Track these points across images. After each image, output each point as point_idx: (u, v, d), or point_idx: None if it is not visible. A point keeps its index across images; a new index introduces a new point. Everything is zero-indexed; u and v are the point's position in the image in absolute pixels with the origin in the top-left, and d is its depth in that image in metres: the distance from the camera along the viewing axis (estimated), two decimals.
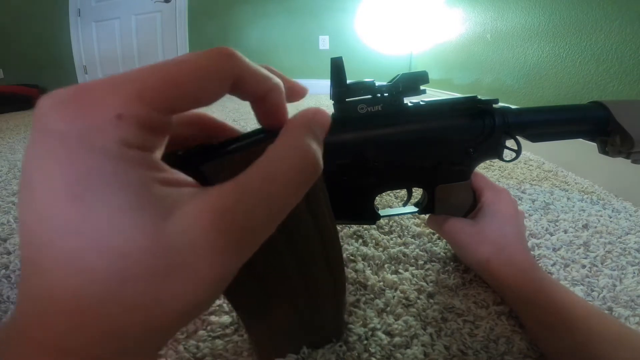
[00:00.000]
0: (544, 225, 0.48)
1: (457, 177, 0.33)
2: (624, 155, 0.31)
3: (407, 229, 0.47)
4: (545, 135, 0.32)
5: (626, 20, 0.67)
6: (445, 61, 1.71)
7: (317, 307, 0.25)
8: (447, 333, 0.30)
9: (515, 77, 1.07)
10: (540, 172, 0.72)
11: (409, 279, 0.37)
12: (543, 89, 0.93)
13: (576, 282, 0.37)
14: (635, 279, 0.37)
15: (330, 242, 0.23)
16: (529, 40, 1.00)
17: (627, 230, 0.47)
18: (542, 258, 0.41)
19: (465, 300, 0.34)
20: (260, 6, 2.52)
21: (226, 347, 0.28)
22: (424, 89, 0.29)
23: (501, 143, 0.32)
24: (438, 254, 0.41)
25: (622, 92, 0.68)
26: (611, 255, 0.41)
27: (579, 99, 0.80)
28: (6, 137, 1.27)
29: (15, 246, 0.46)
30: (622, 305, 0.33)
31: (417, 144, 0.31)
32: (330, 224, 0.22)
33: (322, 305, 0.25)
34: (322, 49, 2.54)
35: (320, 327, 0.27)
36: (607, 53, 0.71)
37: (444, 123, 0.31)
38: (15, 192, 0.66)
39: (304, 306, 0.24)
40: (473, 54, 1.38)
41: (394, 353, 0.28)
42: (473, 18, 1.37)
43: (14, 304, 0.35)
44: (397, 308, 0.33)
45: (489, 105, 0.31)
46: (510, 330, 0.30)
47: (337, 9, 2.44)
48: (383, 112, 0.29)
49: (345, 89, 0.28)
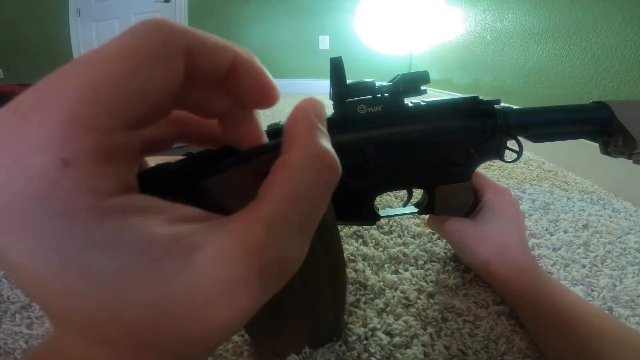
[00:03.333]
0: (544, 225, 0.48)
1: (457, 178, 0.33)
2: (626, 156, 0.31)
3: (407, 229, 0.47)
4: (547, 135, 0.32)
5: (626, 20, 0.67)
6: (445, 61, 1.71)
7: (317, 307, 0.25)
8: (447, 333, 0.30)
9: (515, 77, 1.07)
10: (540, 172, 0.72)
11: (409, 279, 0.37)
12: (543, 89, 0.93)
13: (576, 282, 0.37)
14: (635, 279, 0.37)
15: (332, 247, 0.23)
16: (529, 40, 1.00)
17: (627, 230, 0.47)
18: (542, 258, 0.41)
19: (465, 300, 0.34)
20: (260, 6, 2.52)
21: (226, 347, 0.28)
22: (424, 89, 0.29)
23: (502, 144, 0.31)
24: (438, 254, 0.41)
25: (622, 92, 0.68)
26: (611, 255, 0.41)
27: (579, 99, 0.80)
28: None
29: None
30: (622, 305, 0.33)
31: (418, 145, 0.31)
32: (333, 228, 0.22)
33: (323, 305, 0.25)
34: (322, 49, 2.54)
35: (321, 327, 0.27)
36: (607, 53, 0.71)
37: (444, 124, 0.30)
38: None
39: (305, 307, 0.24)
40: (473, 54, 1.38)
41: (394, 353, 0.28)
42: (473, 18, 1.37)
43: (14, 304, 0.35)
44: (397, 308, 0.33)
45: (490, 106, 0.31)
46: (510, 330, 0.30)
47: (337, 9, 2.43)
48: (383, 112, 0.29)
49: (345, 89, 0.28)
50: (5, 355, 0.29)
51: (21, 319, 0.33)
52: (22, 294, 0.36)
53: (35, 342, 0.30)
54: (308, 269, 0.22)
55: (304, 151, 0.11)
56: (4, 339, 0.30)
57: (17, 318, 0.33)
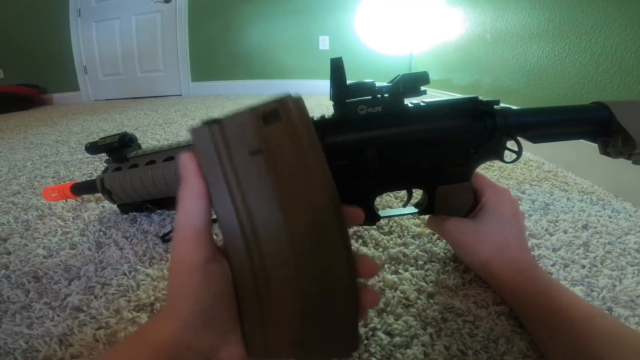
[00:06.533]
0: (543, 225, 0.48)
1: (457, 178, 0.33)
2: (625, 156, 0.31)
3: (407, 229, 0.47)
4: (546, 136, 0.32)
5: (626, 20, 0.67)
6: (445, 61, 1.71)
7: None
8: (447, 333, 0.30)
9: (515, 77, 1.07)
10: (540, 172, 0.72)
11: (409, 279, 0.37)
12: (543, 90, 0.93)
13: (576, 282, 0.37)
14: (635, 279, 0.37)
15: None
16: (529, 40, 1.00)
17: (627, 230, 0.47)
18: (542, 258, 0.41)
19: (465, 300, 0.34)
20: (260, 6, 2.52)
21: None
22: (424, 89, 0.29)
23: (502, 144, 0.31)
24: (438, 254, 0.41)
25: (622, 92, 0.68)
26: (611, 255, 0.41)
27: (579, 99, 0.80)
28: (6, 137, 1.27)
29: (15, 246, 0.46)
30: (622, 305, 0.33)
31: (418, 145, 0.31)
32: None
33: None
34: (322, 49, 2.54)
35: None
36: (607, 53, 0.71)
37: (444, 124, 0.31)
38: (15, 192, 0.66)
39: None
40: (473, 54, 1.38)
41: (394, 353, 0.28)
42: (473, 18, 1.37)
43: (14, 304, 0.35)
44: (397, 308, 0.33)
45: (490, 106, 0.31)
46: (510, 330, 0.30)
47: (337, 9, 2.43)
48: (383, 113, 0.29)
49: (345, 89, 0.28)
50: (5, 355, 0.29)
51: (21, 319, 0.33)
52: (22, 293, 0.36)
53: (36, 342, 0.30)
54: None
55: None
56: (4, 339, 0.30)
57: (17, 318, 0.33)
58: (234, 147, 0.20)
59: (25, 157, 0.95)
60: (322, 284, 0.21)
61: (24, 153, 1.00)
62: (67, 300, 0.35)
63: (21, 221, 0.53)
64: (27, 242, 0.47)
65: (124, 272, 0.39)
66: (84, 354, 0.29)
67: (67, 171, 0.79)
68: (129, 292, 0.36)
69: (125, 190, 0.46)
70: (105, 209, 0.56)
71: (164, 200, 0.48)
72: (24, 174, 0.78)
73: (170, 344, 0.19)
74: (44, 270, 0.40)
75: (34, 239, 0.48)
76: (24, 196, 0.64)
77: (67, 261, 0.42)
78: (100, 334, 0.30)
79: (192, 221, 0.20)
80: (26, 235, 0.49)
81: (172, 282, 0.21)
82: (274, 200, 0.20)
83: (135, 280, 0.38)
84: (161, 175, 0.42)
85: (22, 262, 0.42)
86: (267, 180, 0.20)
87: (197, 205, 0.20)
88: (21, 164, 0.87)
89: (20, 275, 0.39)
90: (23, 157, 0.94)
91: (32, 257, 0.43)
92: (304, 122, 0.19)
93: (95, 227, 0.50)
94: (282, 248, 0.20)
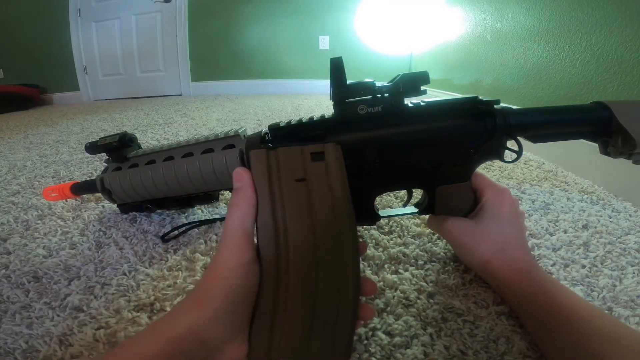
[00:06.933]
0: (543, 225, 0.48)
1: (457, 178, 0.33)
2: (626, 156, 0.31)
3: (407, 229, 0.47)
4: (546, 136, 0.32)
5: (626, 20, 0.67)
6: (445, 61, 1.71)
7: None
8: (447, 333, 0.30)
9: (515, 77, 1.07)
10: (540, 172, 0.72)
11: (409, 279, 0.37)
12: (543, 89, 0.93)
13: (576, 282, 0.37)
14: (635, 279, 0.37)
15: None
16: (529, 40, 1.00)
17: (627, 230, 0.47)
18: (542, 258, 0.41)
19: (465, 300, 0.34)
20: (260, 6, 2.52)
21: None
22: (424, 89, 0.29)
23: (502, 144, 0.31)
24: (438, 254, 0.41)
25: (622, 92, 0.68)
26: (611, 255, 0.41)
27: (579, 99, 0.80)
28: (6, 137, 1.27)
29: (15, 246, 0.46)
30: (622, 305, 0.33)
31: (418, 145, 0.31)
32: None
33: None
34: (322, 49, 2.54)
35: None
36: (607, 53, 0.71)
37: (444, 124, 0.30)
38: (15, 192, 0.66)
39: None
40: (473, 54, 1.38)
41: (394, 353, 0.28)
42: (473, 18, 1.37)
43: (14, 304, 0.35)
44: (397, 308, 0.33)
45: (490, 106, 0.31)
46: (510, 330, 0.30)
47: (337, 9, 2.43)
48: (383, 112, 0.29)
49: (345, 89, 0.28)
50: (5, 355, 0.29)
51: (21, 319, 0.33)
52: (22, 293, 0.36)
53: (35, 342, 0.30)
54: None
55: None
56: (4, 339, 0.30)
57: (17, 318, 0.33)
58: (284, 172, 0.26)
59: (25, 157, 0.95)
60: (332, 298, 0.24)
61: (24, 153, 1.00)
62: (67, 300, 0.35)
63: (21, 221, 0.53)
64: (27, 242, 0.47)
65: (124, 272, 0.39)
66: (83, 354, 0.29)
67: (67, 171, 0.79)
68: (128, 292, 0.36)
69: (125, 190, 0.46)
70: (105, 209, 0.56)
71: (163, 200, 0.48)
72: (24, 174, 0.78)
73: (186, 336, 0.19)
74: (44, 270, 0.40)
75: (34, 238, 0.48)
76: (23, 196, 0.64)
77: (67, 261, 0.42)
78: (100, 334, 0.30)
79: (244, 223, 0.24)
80: (26, 235, 0.49)
81: (213, 274, 0.22)
82: (308, 220, 0.25)
83: (135, 280, 0.38)
84: (161, 175, 0.42)
85: (22, 262, 0.42)
86: (305, 204, 0.25)
87: (249, 212, 0.25)
88: (21, 164, 0.87)
89: (20, 275, 0.39)
90: (23, 157, 0.94)
91: (32, 257, 0.43)
92: (339, 164, 0.26)
93: (95, 227, 0.50)
94: (307, 261, 0.24)
